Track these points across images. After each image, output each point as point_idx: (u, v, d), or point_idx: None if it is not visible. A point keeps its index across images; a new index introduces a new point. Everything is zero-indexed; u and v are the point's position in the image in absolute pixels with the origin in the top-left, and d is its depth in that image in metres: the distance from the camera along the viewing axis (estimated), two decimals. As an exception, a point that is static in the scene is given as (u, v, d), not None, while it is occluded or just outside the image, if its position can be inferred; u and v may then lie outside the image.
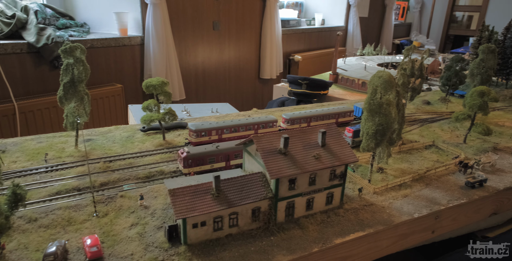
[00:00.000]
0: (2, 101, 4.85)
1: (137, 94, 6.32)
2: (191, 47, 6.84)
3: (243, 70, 7.89)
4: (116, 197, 2.22)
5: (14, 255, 1.76)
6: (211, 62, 7.22)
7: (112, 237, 1.90)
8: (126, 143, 2.94)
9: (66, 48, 2.65)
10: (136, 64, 6.26)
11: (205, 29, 6.96)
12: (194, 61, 6.94)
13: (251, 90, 8.26)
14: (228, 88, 7.75)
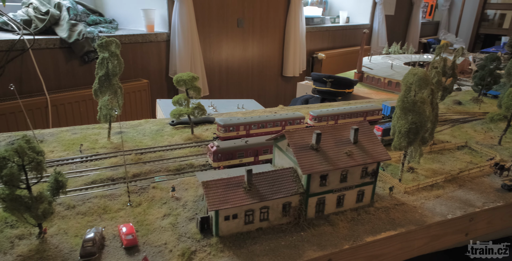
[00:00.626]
0: (35, 94, 5.04)
1: (162, 90, 6.43)
2: (215, 44, 6.89)
3: (266, 67, 7.89)
4: (148, 188, 2.27)
5: (55, 239, 1.83)
6: (235, 59, 7.26)
7: (146, 226, 1.95)
8: (156, 136, 3.00)
9: (102, 42, 2.72)
10: (162, 60, 6.36)
11: (229, 26, 7.00)
12: (218, 58, 6.99)
13: (274, 88, 8.25)
14: (250, 86, 7.77)
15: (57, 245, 1.80)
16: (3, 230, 1.86)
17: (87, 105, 5.45)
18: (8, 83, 4.84)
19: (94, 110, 5.51)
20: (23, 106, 3.51)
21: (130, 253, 1.77)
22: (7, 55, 4.77)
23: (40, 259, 1.70)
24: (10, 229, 1.87)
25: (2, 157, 1.68)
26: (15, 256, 1.71)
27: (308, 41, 8.40)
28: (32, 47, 4.92)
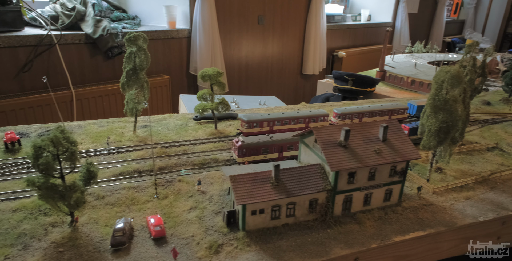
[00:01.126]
0: (61, 88, 5.17)
1: (183, 86, 6.49)
2: (235, 41, 6.90)
3: (285, 65, 7.85)
4: (174, 181, 2.30)
5: (86, 228, 1.88)
6: (255, 56, 7.25)
7: (173, 219, 1.97)
8: (180, 130, 3.03)
9: (130, 37, 2.76)
10: (183, 57, 6.42)
11: (250, 23, 6.99)
12: (238, 55, 7.00)
13: (293, 86, 8.21)
14: (270, 83, 7.75)
15: (88, 233, 1.84)
16: (37, 218, 1.91)
17: (110, 100, 5.55)
18: (36, 77, 5.01)
19: (117, 104, 5.64)
20: (54, 99, 3.61)
21: (158, 244, 1.80)
22: (35, 50, 4.91)
23: (73, 247, 1.75)
24: (44, 216, 1.92)
25: (38, 146, 1.73)
26: (49, 242, 1.76)
27: (328, 39, 8.30)
28: (58, 43, 5.05)
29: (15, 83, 4.89)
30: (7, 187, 2.16)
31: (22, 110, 4.78)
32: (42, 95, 4.90)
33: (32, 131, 2.89)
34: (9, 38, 4.70)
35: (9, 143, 2.56)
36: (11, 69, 4.82)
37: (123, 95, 5.68)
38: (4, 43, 4.69)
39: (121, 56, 5.62)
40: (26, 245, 1.74)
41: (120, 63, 6.18)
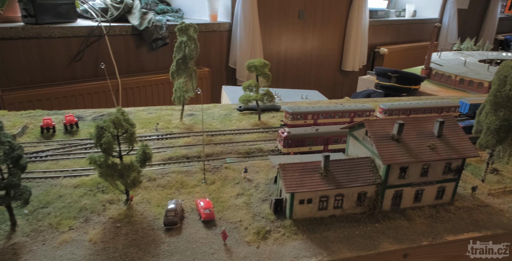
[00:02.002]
0: (109, 77, 5.41)
1: (222, 78, 6.58)
2: (275, 35, 6.88)
3: (324, 60, 7.73)
4: (221, 167, 2.35)
5: (140, 207, 1.97)
6: (294, 51, 7.20)
7: (221, 203, 2.02)
8: (224, 120, 3.09)
9: (182, 26, 2.84)
10: (223, 50, 6.50)
11: (290, 17, 6.94)
12: (277, 49, 6.99)
13: (331, 82, 8.08)
14: (308, 78, 7.67)
15: (142, 212, 1.93)
16: (96, 195, 2.03)
17: (152, 89, 5.74)
18: (86, 66, 5.27)
19: (159, 94, 5.82)
20: (110, 86, 3.77)
21: (208, 226, 1.85)
22: (86, 40, 5.17)
23: (129, 223, 1.84)
24: (102, 194, 2.04)
25: (100, 126, 1.83)
26: (107, 217, 1.87)
27: (370, 35, 8.06)
28: (107, 34, 5.27)
29: (67, 71, 5.19)
30: (68, 165, 2.30)
31: (73, 97, 5.06)
32: (91, 83, 5.16)
33: (87, 115, 3.06)
34: (63, 29, 4.98)
35: (68, 125, 2.73)
36: (64, 58, 5.11)
37: (164, 86, 5.89)
38: (59, 34, 4.97)
39: (164, 48, 5.80)
40: (87, 218, 1.86)
41: (163, 55, 6.37)
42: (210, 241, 1.75)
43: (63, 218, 1.84)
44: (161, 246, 1.71)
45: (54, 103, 4.88)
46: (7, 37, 4.61)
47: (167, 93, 5.88)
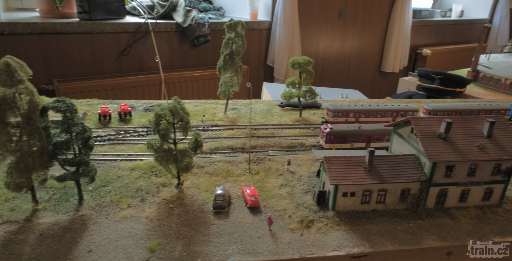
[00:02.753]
0: (152, 72, 5.69)
1: (260, 76, 6.69)
2: (314, 35, 6.89)
3: (363, 61, 7.63)
4: (264, 159, 2.44)
5: (190, 191, 2.11)
6: (332, 50, 7.17)
7: (265, 192, 2.11)
8: (266, 115, 3.18)
9: (230, 23, 2.96)
10: (262, 48, 6.60)
11: (330, 16, 6.91)
12: (315, 48, 6.99)
13: (369, 83, 7.95)
14: (345, 78, 7.60)
15: (192, 195, 2.07)
16: (150, 177, 2.20)
17: (193, 85, 5.96)
18: (132, 61, 5.56)
19: (199, 89, 6.02)
20: (162, 79, 3.97)
21: (253, 212, 1.95)
22: (133, 36, 5.46)
23: (180, 205, 1.98)
24: (155, 177, 2.20)
25: (159, 114, 1.98)
26: (161, 199, 2.03)
27: (412, 35, 7.85)
28: (153, 30, 5.53)
29: (115, 65, 5.51)
30: (123, 150, 2.50)
31: (120, 90, 5.37)
32: (136, 77, 5.44)
33: (138, 105, 3.27)
34: (113, 25, 5.29)
35: (123, 113, 2.94)
36: (113, 52, 5.42)
37: (204, 81, 6.08)
38: (110, 29, 5.28)
39: (205, 45, 5.99)
40: (143, 198, 2.02)
41: (204, 52, 6.56)
42: (256, 226, 1.85)
43: (122, 197, 2.01)
44: (211, 227, 1.83)
45: (103, 94, 5.20)
46: (64, 32, 4.97)
47: (206, 88, 6.07)
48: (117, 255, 1.63)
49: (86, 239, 1.71)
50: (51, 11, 5.16)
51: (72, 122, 1.80)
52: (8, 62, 1.62)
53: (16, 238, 1.68)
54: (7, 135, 1.65)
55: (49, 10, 5.16)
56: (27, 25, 4.67)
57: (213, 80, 6.12)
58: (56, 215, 1.84)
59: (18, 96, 1.65)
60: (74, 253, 1.63)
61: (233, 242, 1.74)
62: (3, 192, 1.96)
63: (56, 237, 1.71)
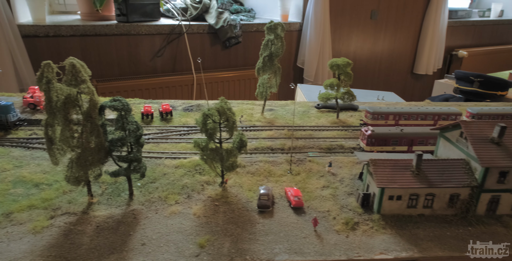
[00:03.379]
0: (184, 73, 5.82)
1: (289, 78, 6.70)
2: (345, 36, 6.83)
3: (395, 63, 7.48)
4: (305, 160, 2.46)
5: (233, 189, 2.15)
6: (363, 52, 7.07)
7: (308, 193, 2.13)
8: (303, 116, 3.19)
9: (270, 25, 2.99)
10: (292, 50, 6.60)
11: (362, 17, 6.83)
12: (346, 50, 6.92)
13: (401, 85, 7.78)
14: (376, 80, 7.48)
15: (236, 194, 2.11)
16: (194, 175, 2.26)
17: (223, 86, 6.04)
18: (166, 62, 5.71)
19: (230, 90, 6.10)
20: (202, 79, 4.03)
21: (297, 212, 1.97)
22: (168, 37, 5.61)
23: (225, 203, 2.03)
24: (199, 175, 2.26)
25: (206, 114, 2.04)
26: (206, 196, 2.08)
27: (448, 36, 7.61)
28: (187, 32, 5.65)
29: (150, 65, 5.67)
30: (167, 148, 2.58)
31: (154, 90, 5.53)
32: (169, 77, 5.58)
33: (178, 105, 3.36)
34: (149, 27, 5.45)
35: (164, 112, 3.03)
36: (148, 53, 5.59)
37: (235, 82, 6.15)
38: (145, 31, 5.45)
39: (236, 47, 6.06)
40: (189, 195, 2.08)
41: (235, 53, 6.64)
42: (301, 226, 1.87)
43: (169, 193, 2.08)
44: (257, 226, 1.86)
45: (137, 94, 5.37)
46: (103, 33, 5.17)
47: (237, 89, 6.14)
48: (169, 249, 1.69)
49: (139, 232, 1.78)
50: (91, 14, 5.38)
51: (127, 121, 1.89)
52: (74, 63, 1.72)
53: (76, 229, 1.78)
54: (70, 131, 1.75)
55: (90, 13, 5.39)
56: (69, 27, 4.90)
57: (243, 81, 6.19)
58: (110, 209, 1.93)
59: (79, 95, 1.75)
60: (129, 246, 1.70)
61: (279, 241, 1.76)
62: (60, 185, 2.07)
63: (111, 229, 1.79)
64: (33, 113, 2.90)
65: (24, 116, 2.79)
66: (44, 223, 1.79)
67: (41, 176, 2.15)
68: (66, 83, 1.72)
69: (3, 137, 2.55)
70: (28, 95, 2.94)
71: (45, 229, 1.76)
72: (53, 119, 1.76)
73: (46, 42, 4.83)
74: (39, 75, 1.75)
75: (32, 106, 2.93)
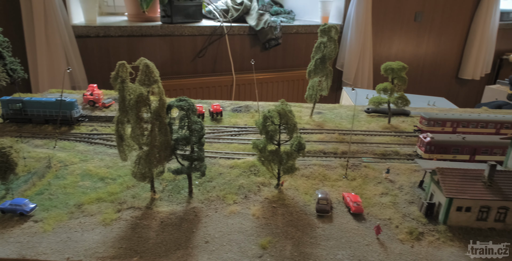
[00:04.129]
0: (225, 73, 5.88)
1: (328, 80, 6.60)
2: (387, 38, 6.66)
3: (439, 67, 7.19)
4: (360, 166, 2.41)
5: (289, 192, 2.14)
6: (405, 55, 6.87)
7: (366, 200, 2.08)
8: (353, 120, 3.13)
9: (324, 28, 2.97)
10: (331, 52, 6.50)
11: (405, 19, 6.63)
12: (387, 52, 6.75)
13: (444, 90, 7.48)
14: (418, 85, 7.23)
15: (292, 197, 2.10)
16: (249, 176, 2.27)
17: (261, 87, 6.05)
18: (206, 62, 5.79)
19: (267, 92, 6.10)
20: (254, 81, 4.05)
21: (357, 219, 1.93)
22: (209, 38, 5.69)
23: (283, 205, 2.02)
24: (254, 176, 2.27)
25: (267, 116, 2.04)
26: (263, 197, 2.09)
27: (498, 39, 7.22)
28: (228, 33, 5.71)
29: (191, 66, 5.78)
30: (220, 148, 2.61)
31: (194, 89, 5.63)
32: (209, 78, 5.66)
33: (226, 105, 3.40)
34: (191, 28, 5.56)
35: (215, 112, 3.08)
36: (190, 54, 5.70)
37: (273, 84, 6.14)
38: (188, 32, 5.56)
39: (274, 48, 6.05)
40: (246, 196, 2.10)
41: (273, 55, 6.61)
42: (362, 233, 1.83)
43: (227, 193, 2.10)
44: (317, 230, 1.84)
45: (179, 94, 5.49)
46: (148, 34, 5.33)
47: (275, 90, 6.13)
48: (232, 248, 1.71)
49: (202, 230, 1.82)
50: (138, 16, 5.57)
51: (191, 120, 1.93)
52: (147, 63, 1.78)
53: (142, 223, 1.84)
54: (140, 129, 1.82)
55: (136, 14, 5.58)
56: (118, 28, 5.09)
57: (281, 83, 6.18)
58: (171, 205, 1.98)
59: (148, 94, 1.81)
60: (193, 242, 1.73)
61: (341, 247, 1.74)
62: (123, 180, 2.15)
63: (175, 225, 1.84)
64: (92, 110, 3.03)
65: (85, 113, 2.93)
66: (112, 215, 1.86)
67: (105, 170, 2.24)
68: (140, 83, 1.78)
69: (67, 131, 2.69)
70: (87, 93, 3.08)
71: (114, 222, 1.83)
72: (125, 117, 1.83)
73: (96, 42, 5.05)
74: (114, 75, 1.82)
75: (91, 103, 3.06)
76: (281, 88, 6.10)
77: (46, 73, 4.75)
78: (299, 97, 6.27)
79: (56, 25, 4.60)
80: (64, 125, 2.71)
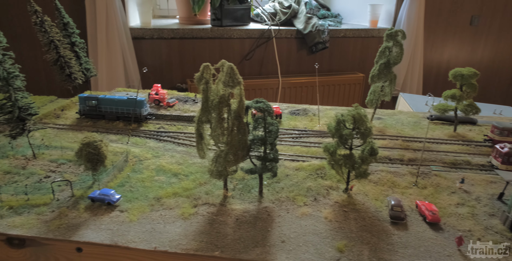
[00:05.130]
0: (271, 76, 5.94)
1: (375, 85, 6.47)
2: (439, 43, 6.42)
3: (495, 74, 6.84)
4: (430, 174, 2.34)
5: (359, 197, 2.13)
6: (458, 61, 6.59)
7: (440, 209, 2.02)
8: (415, 127, 3.05)
9: (391, 32, 2.92)
10: (380, 56, 6.37)
11: (460, 23, 6.37)
12: (439, 58, 6.51)
13: (501, 99, 7.09)
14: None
15: (363, 202, 2.08)
16: (316, 179, 2.28)
17: (308, 91, 6.04)
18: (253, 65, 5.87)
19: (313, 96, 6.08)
20: (317, 83, 4.06)
21: (434, 228, 1.88)
22: (257, 41, 5.77)
23: (354, 210, 2.01)
24: (322, 179, 2.28)
25: (341, 120, 2.04)
26: (332, 201, 2.08)
27: (563, 46, 6.77)
28: (275, 36, 5.76)
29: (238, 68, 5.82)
30: (283, 150, 2.64)
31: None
32: (256, 80, 5.74)
33: (283, 108, 3.43)
34: (240, 31, 5.66)
35: (274, 115, 3.11)
36: (238, 56, 5.81)
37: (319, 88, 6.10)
38: (236, 35, 5.67)
39: (321, 52, 6.03)
40: (315, 198, 2.10)
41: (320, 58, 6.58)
42: (441, 243, 1.78)
43: (296, 194, 2.12)
44: (392, 237, 1.81)
45: (226, 95, 5.59)
46: (198, 36, 5.49)
47: (321, 94, 6.10)
48: (308, 249, 1.72)
49: (276, 230, 1.84)
50: (189, 18, 5.76)
51: (269, 121, 1.97)
52: (232, 65, 1.84)
53: (218, 219, 1.90)
54: (221, 129, 1.88)
55: (188, 17, 5.77)
56: (171, 30, 5.29)
57: (327, 87, 6.13)
58: (244, 204, 2.03)
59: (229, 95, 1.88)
60: (269, 241, 1.76)
61: (421, 256, 1.70)
62: (195, 177, 2.23)
63: (250, 223, 1.88)
64: (157, 108, 3.17)
65: (152, 111, 3.07)
66: (190, 210, 1.94)
67: (177, 166, 2.33)
68: (225, 85, 1.84)
69: (137, 128, 2.83)
70: (153, 92, 3.22)
71: (192, 216, 1.90)
72: (206, 117, 1.91)
73: (150, 44, 5.28)
74: (199, 76, 1.91)
75: (157, 102, 3.21)
76: (326, 92, 6.06)
77: (105, 73, 5.04)
78: (345, 101, 6.20)
79: (116, 28, 4.86)
80: (134, 123, 2.86)
